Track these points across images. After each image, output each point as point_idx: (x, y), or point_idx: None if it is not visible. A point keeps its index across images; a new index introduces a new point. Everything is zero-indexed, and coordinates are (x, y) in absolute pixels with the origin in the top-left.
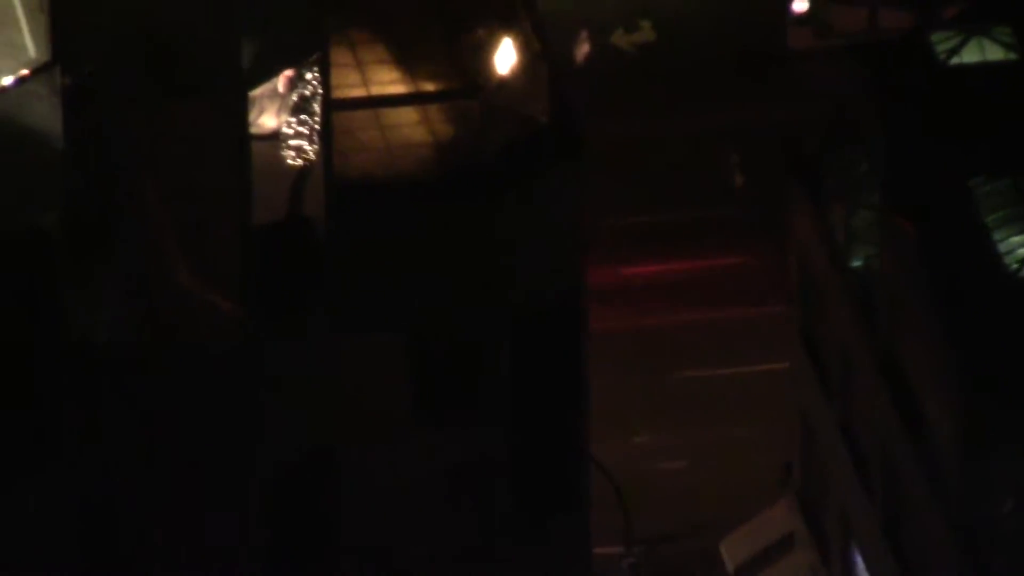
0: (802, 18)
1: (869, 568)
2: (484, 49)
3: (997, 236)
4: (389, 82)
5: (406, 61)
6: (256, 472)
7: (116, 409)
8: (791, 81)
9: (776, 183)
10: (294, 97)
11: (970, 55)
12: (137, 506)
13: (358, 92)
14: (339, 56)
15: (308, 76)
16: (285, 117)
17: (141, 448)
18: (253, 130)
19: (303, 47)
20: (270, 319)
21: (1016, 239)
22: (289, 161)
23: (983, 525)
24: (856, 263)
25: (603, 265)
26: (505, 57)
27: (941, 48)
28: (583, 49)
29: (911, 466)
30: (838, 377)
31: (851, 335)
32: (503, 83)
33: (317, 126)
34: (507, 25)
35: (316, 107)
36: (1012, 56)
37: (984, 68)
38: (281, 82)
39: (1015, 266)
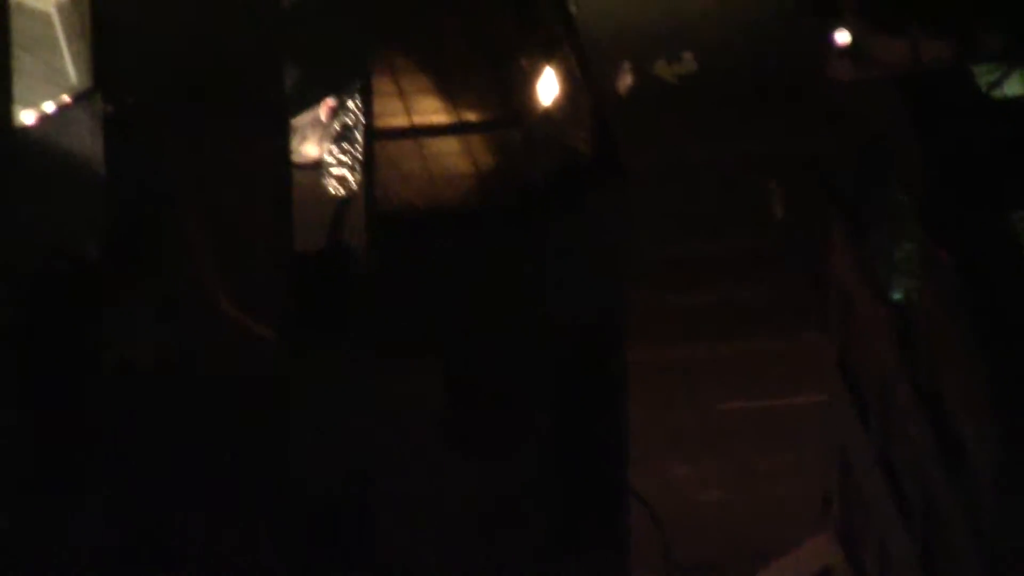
0: (844, 50)
1: None
2: (527, 79)
3: None
4: (432, 111)
5: (449, 90)
6: (290, 497)
7: (153, 430)
8: (831, 112)
9: (815, 214)
10: (336, 126)
11: (1012, 88)
12: (170, 527)
13: (400, 121)
14: (382, 84)
15: (350, 104)
16: (327, 145)
17: (177, 468)
18: (295, 158)
19: (346, 75)
20: (309, 345)
21: None
22: (331, 189)
23: (1018, 559)
24: (896, 296)
25: (641, 295)
26: (548, 87)
27: (983, 80)
28: (626, 79)
29: (950, 500)
30: (877, 410)
31: (891, 368)
32: (546, 113)
33: (359, 155)
34: (550, 55)
35: (358, 136)
36: None
37: (1015, 103)
38: (323, 110)
39: None
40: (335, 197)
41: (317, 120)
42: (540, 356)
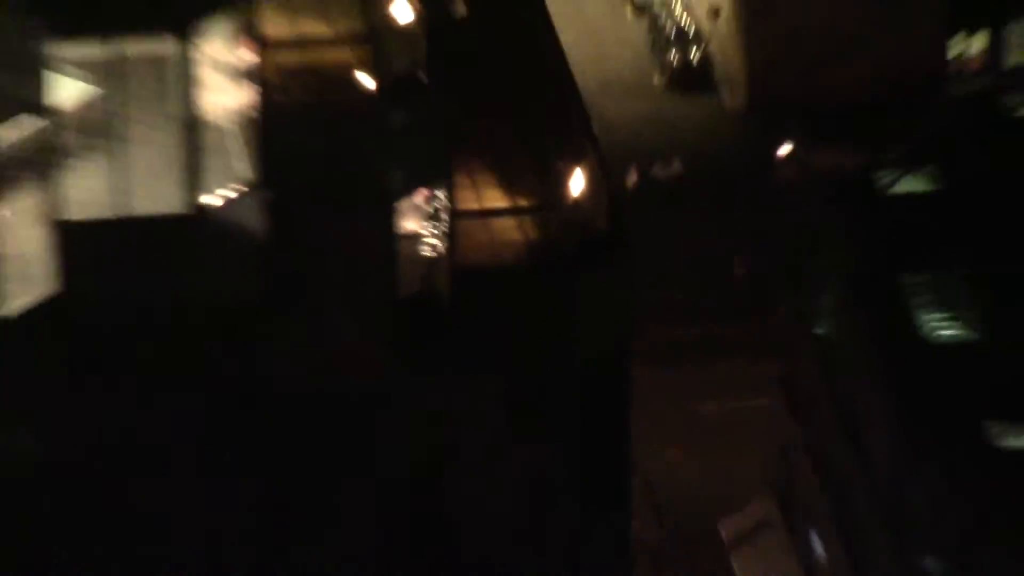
0: (789, 159)
1: (823, 546)
2: (562, 176)
3: (917, 314)
4: (495, 199)
5: (507, 184)
6: (390, 481)
7: (293, 432)
8: (779, 203)
9: (768, 277)
10: (429, 208)
11: (905, 186)
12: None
13: (474, 205)
14: (461, 179)
15: (439, 193)
16: (423, 222)
17: (303, 464)
18: (400, 231)
19: (436, 173)
20: (409, 366)
21: (929, 316)
22: (425, 253)
23: (906, 516)
24: (820, 330)
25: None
26: (577, 182)
27: (882, 182)
28: (632, 178)
29: (855, 475)
30: (807, 414)
31: (818, 385)
32: (575, 201)
33: (445, 229)
34: (579, 158)
35: (444, 216)
36: (932, 188)
37: (909, 196)
38: (421, 197)
39: (931, 335)
40: (428, 259)
41: (416, 204)
42: (571, 375)
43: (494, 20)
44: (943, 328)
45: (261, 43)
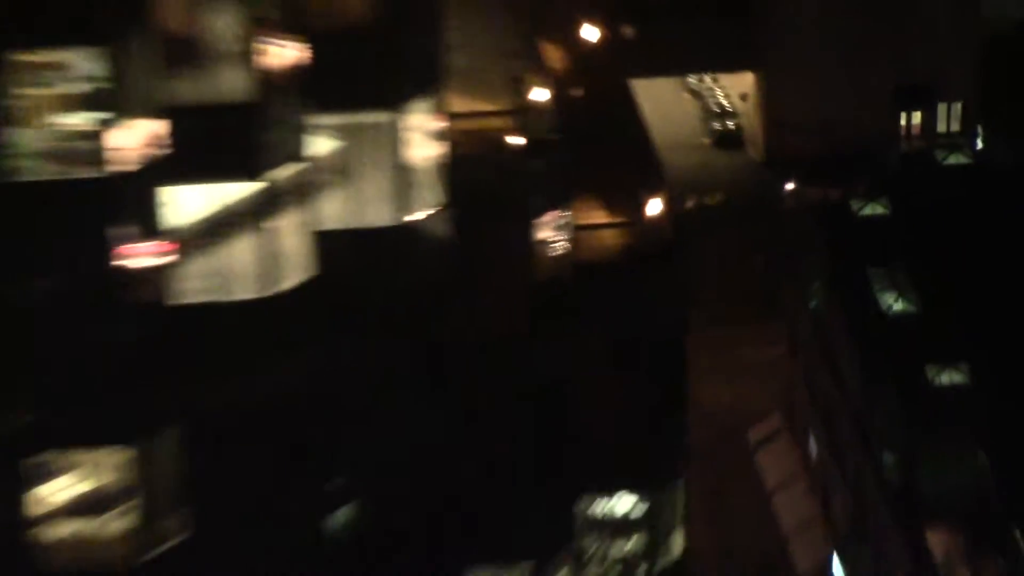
0: (792, 192)
1: (815, 445)
2: (643, 202)
3: (876, 294)
4: (599, 217)
5: (607, 207)
6: (534, 402)
7: (470, 369)
8: (786, 222)
9: (781, 274)
10: (558, 223)
11: (869, 211)
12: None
13: (585, 221)
14: (577, 204)
15: (564, 213)
16: (550, 232)
17: (474, 389)
18: (535, 239)
19: (562, 200)
20: (543, 324)
21: (883, 296)
22: (554, 253)
23: (870, 425)
24: (812, 305)
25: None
26: (653, 206)
27: (853, 208)
28: (688, 203)
29: (836, 398)
30: (804, 359)
31: (811, 340)
32: (652, 218)
33: (568, 237)
34: (653, 191)
35: (567, 229)
36: (886, 212)
37: (871, 217)
38: (550, 216)
39: (885, 308)
40: (556, 256)
41: (549, 221)
42: (651, 332)
43: (601, 102)
44: (893, 304)
45: (448, 114)
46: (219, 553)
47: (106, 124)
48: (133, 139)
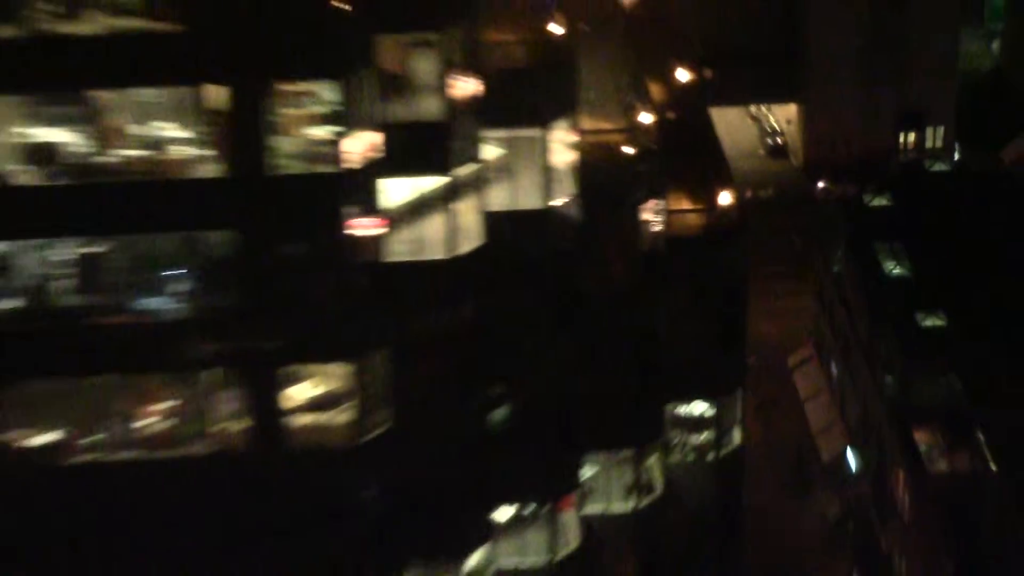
0: (823, 189)
1: (837, 369)
2: (716, 194)
3: (881, 261)
4: (685, 204)
5: (691, 197)
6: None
7: (586, 315)
8: (818, 210)
9: (812, 251)
10: (656, 208)
11: (875, 202)
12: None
13: (675, 207)
14: (670, 195)
15: (659, 201)
16: (652, 215)
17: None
18: (641, 220)
19: (658, 192)
20: (644, 283)
21: (886, 262)
22: (653, 230)
23: (875, 354)
24: (834, 269)
25: None
26: (724, 197)
27: (866, 199)
28: (747, 194)
29: (851, 333)
30: (827, 307)
31: (832, 294)
32: (723, 207)
33: (663, 219)
34: (724, 186)
35: (662, 213)
36: (889, 203)
37: (878, 206)
38: (651, 204)
39: (888, 272)
40: (655, 233)
41: (648, 207)
42: (722, 288)
43: (688, 123)
44: (892, 269)
45: (579, 131)
46: (412, 440)
47: (340, 135)
48: (359, 146)
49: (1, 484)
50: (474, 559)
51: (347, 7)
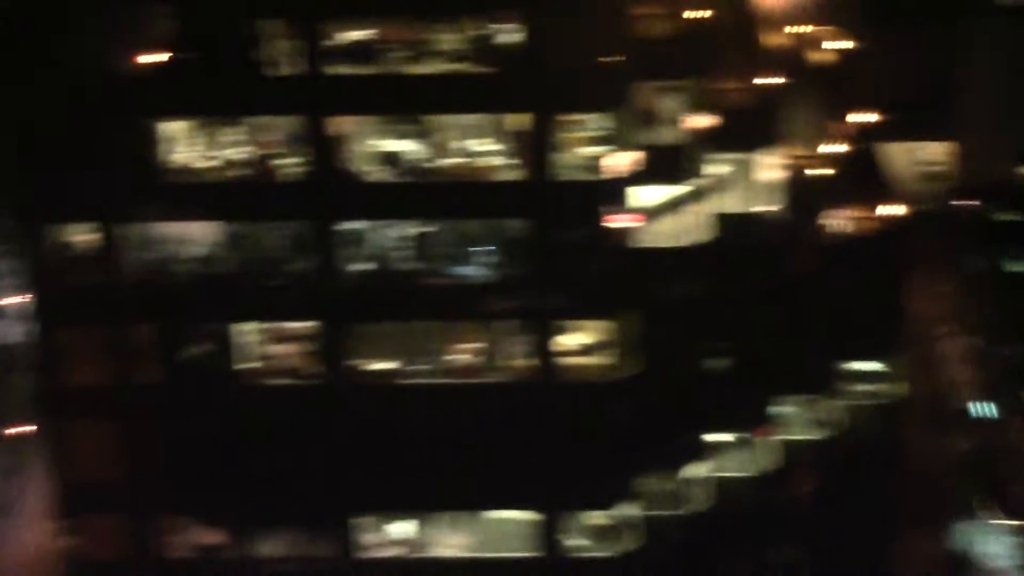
0: (963, 206)
1: (972, 341)
2: (883, 207)
3: (1003, 262)
4: (859, 213)
5: (865, 207)
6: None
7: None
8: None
9: None
10: (836, 214)
11: (1003, 217)
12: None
13: (852, 215)
14: (850, 205)
15: (839, 209)
16: (832, 220)
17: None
18: (822, 222)
19: (840, 201)
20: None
21: (1007, 262)
22: (831, 230)
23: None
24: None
25: None
26: (890, 209)
27: (995, 214)
28: (908, 209)
29: (982, 316)
30: (968, 298)
31: (971, 289)
32: (889, 216)
33: (842, 223)
34: (890, 200)
35: (842, 219)
36: (1015, 217)
37: (1004, 220)
38: (833, 211)
39: (1007, 270)
40: (832, 232)
41: (831, 213)
42: (880, 281)
43: (861, 154)
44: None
45: (785, 155)
46: (654, 380)
47: (605, 153)
48: (621, 161)
49: (350, 397)
50: (696, 469)
51: (616, 59)
